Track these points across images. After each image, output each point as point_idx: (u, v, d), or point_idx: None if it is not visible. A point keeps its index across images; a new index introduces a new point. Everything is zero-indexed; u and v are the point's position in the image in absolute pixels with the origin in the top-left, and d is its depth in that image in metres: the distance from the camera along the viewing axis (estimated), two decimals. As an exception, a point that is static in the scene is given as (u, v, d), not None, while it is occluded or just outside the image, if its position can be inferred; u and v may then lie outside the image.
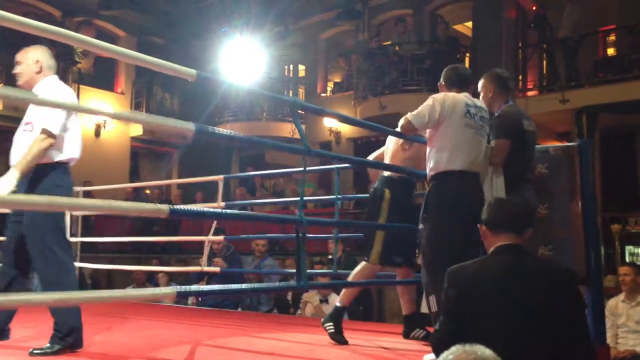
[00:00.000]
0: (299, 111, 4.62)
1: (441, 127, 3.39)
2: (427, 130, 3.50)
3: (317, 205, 9.78)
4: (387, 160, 4.08)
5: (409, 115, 3.49)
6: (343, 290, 4.18)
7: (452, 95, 3.47)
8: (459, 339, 2.30)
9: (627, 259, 9.05)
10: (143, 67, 2.80)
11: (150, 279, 8.57)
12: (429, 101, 3.45)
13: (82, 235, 7.11)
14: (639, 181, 11.04)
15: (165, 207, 2.14)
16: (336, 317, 3.90)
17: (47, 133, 3.08)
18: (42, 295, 2.40)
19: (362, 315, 7.01)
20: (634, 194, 10.90)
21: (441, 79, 3.68)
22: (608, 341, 4.68)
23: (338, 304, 3.99)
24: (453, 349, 1.57)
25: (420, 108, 3.46)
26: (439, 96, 3.46)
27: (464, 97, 3.47)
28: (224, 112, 13.50)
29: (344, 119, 4.55)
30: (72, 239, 6.41)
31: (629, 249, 9.73)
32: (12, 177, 2.90)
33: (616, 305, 5.45)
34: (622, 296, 5.48)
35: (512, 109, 3.71)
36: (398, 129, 3.62)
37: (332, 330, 3.84)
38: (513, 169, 3.52)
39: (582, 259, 4.07)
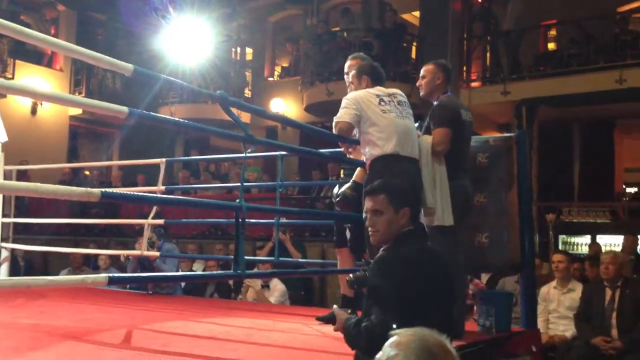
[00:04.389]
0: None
1: (362, 121, 3.52)
2: (355, 130, 3.60)
3: (260, 190, 9.73)
4: None
5: (337, 118, 3.56)
6: None
7: (357, 92, 3.64)
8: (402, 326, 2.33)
9: (560, 248, 9.39)
10: (85, 44, 2.69)
11: (88, 262, 8.34)
12: (343, 103, 3.58)
13: (16, 216, 6.85)
14: (574, 173, 11.46)
15: (96, 191, 2.07)
16: None
17: None
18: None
19: (304, 300, 7.05)
20: (569, 185, 11.32)
21: (362, 74, 3.78)
22: (539, 326, 4.86)
23: None
24: (400, 331, 1.58)
25: (342, 110, 3.55)
26: (349, 96, 3.62)
27: (372, 90, 3.63)
28: (169, 93, 13.21)
29: (267, 116, 4.51)
30: (5, 220, 6.19)
31: (562, 238, 10.10)
32: None
33: (548, 291, 5.64)
34: (554, 283, 5.67)
35: (451, 100, 3.79)
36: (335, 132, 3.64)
37: None
38: (451, 157, 3.59)
39: (517, 247, 4.20)
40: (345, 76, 4.09)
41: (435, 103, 3.78)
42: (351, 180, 3.78)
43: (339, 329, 2.56)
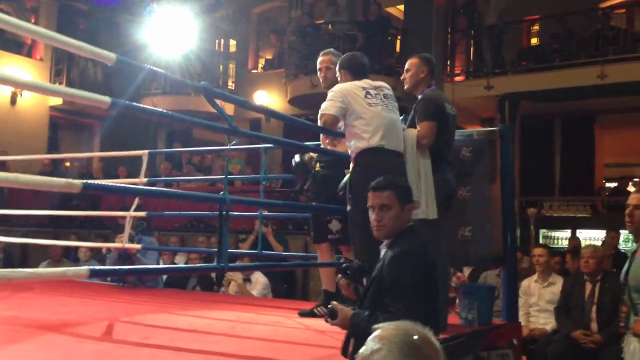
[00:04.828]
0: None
1: (348, 114, 3.50)
2: (340, 123, 3.58)
3: (244, 183, 9.70)
4: None
5: (323, 110, 3.54)
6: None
7: (344, 85, 3.62)
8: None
9: (541, 242, 9.47)
10: (66, 33, 2.63)
11: (67, 255, 8.25)
12: (330, 95, 3.56)
13: (-5, 208, 6.75)
14: (555, 167, 11.56)
15: (77, 182, 2.03)
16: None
17: None
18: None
19: (286, 293, 7.05)
20: (549, 179, 11.42)
21: (341, 68, 3.78)
22: (520, 319, 4.90)
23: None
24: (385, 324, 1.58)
25: (328, 102, 3.54)
26: (335, 88, 3.59)
27: (359, 82, 3.61)
28: (151, 85, 13.08)
29: (248, 107, 4.49)
30: (-17, 211, 6.10)
31: (542, 232, 10.19)
32: None
33: (529, 285, 5.69)
34: (535, 277, 5.72)
35: (435, 93, 3.80)
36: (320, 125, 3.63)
37: None
38: (435, 151, 3.60)
39: (500, 240, 4.22)
40: (318, 72, 4.10)
41: (419, 96, 3.78)
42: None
43: (340, 324, 2.54)
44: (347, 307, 2.59)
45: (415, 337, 1.54)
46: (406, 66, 3.89)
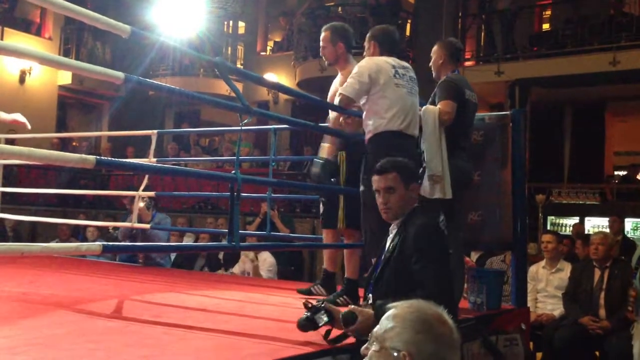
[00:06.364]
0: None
1: (373, 91, 3.42)
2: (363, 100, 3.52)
3: (252, 165, 9.70)
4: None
5: (342, 90, 3.48)
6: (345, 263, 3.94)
7: (375, 59, 3.52)
8: None
9: (549, 229, 9.44)
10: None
11: (76, 234, 8.30)
12: (356, 70, 3.48)
13: (4, 186, 6.77)
14: (565, 154, 11.50)
15: (91, 157, 2.03)
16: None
17: None
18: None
19: (293, 275, 7.07)
20: (559, 166, 11.37)
21: (371, 39, 3.67)
22: (528, 304, 4.89)
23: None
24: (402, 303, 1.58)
25: (350, 80, 3.47)
26: (363, 63, 3.51)
27: (389, 59, 3.52)
28: (160, 66, 13.06)
29: (268, 85, 4.43)
30: (-6, 190, 6.12)
31: (550, 219, 10.16)
32: None
33: (537, 271, 5.68)
34: (542, 263, 5.71)
35: (457, 77, 3.74)
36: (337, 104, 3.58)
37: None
38: (449, 134, 3.55)
39: (509, 226, 4.20)
40: (322, 50, 3.95)
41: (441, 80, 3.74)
42: (320, 158, 3.70)
43: (363, 326, 2.30)
44: (366, 309, 2.40)
45: (429, 315, 1.55)
46: (431, 53, 3.87)
